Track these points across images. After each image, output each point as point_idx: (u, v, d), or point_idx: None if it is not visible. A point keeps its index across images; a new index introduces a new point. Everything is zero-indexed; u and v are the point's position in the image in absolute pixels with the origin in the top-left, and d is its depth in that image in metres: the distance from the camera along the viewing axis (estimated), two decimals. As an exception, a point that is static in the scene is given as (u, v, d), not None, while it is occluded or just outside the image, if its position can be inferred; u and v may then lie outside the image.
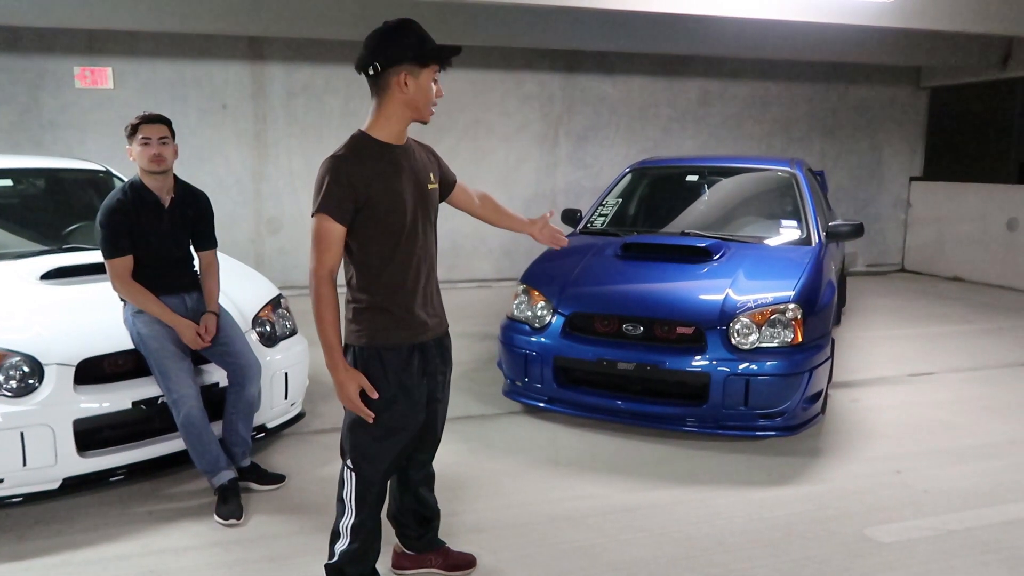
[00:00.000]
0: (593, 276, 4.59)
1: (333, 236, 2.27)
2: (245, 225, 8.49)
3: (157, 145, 3.33)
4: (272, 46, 8.24)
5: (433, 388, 2.54)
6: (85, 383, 3.24)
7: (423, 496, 2.76)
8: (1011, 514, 3.38)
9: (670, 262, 4.58)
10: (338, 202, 2.25)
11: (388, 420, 2.38)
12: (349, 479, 2.45)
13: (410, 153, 2.43)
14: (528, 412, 4.60)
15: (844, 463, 3.93)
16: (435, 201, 2.52)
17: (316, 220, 2.27)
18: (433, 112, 2.36)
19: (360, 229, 2.30)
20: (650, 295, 4.31)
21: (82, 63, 7.71)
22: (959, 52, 9.21)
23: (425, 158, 2.52)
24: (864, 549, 3.06)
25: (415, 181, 2.39)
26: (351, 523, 2.46)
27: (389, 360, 2.37)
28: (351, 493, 2.44)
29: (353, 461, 2.44)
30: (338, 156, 2.29)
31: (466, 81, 8.92)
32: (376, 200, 2.28)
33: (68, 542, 3.05)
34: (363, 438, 2.40)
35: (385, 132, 2.34)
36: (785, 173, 5.57)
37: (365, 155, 2.30)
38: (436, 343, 2.53)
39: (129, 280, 3.33)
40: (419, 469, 2.71)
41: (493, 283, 9.15)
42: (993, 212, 9.67)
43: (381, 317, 2.36)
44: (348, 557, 2.48)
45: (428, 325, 2.47)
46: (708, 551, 3.03)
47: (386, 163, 2.33)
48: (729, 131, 10.02)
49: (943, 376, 5.55)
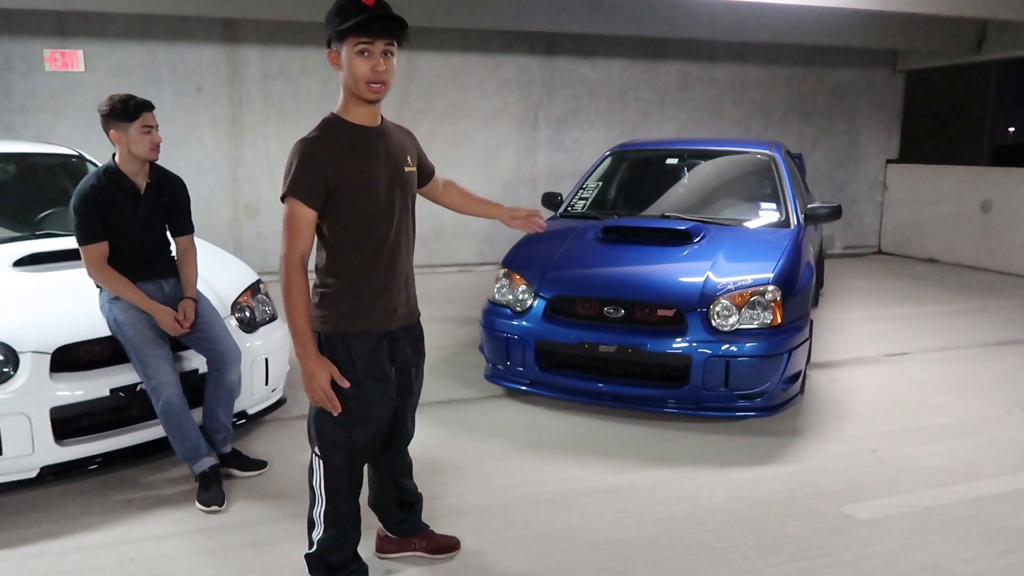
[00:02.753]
0: (574, 259, 4.59)
1: (304, 220, 2.21)
2: (222, 210, 8.40)
3: (155, 132, 3.27)
4: (247, 28, 8.12)
5: (404, 380, 2.48)
6: (61, 371, 3.19)
7: (403, 484, 2.75)
8: (984, 490, 3.45)
9: (650, 245, 4.59)
10: (308, 186, 2.19)
11: (355, 410, 2.33)
12: (318, 467, 2.41)
13: (386, 135, 2.36)
14: (510, 395, 4.61)
15: (822, 442, 3.98)
16: (412, 185, 2.46)
17: (287, 204, 2.22)
18: (377, 91, 2.21)
19: (331, 212, 2.25)
20: (631, 278, 4.33)
21: (52, 46, 7.55)
22: (934, 35, 9.28)
23: (404, 141, 2.46)
24: (842, 526, 3.11)
25: (390, 164, 2.33)
26: (323, 510, 2.43)
27: (356, 348, 2.31)
28: (320, 481, 2.41)
29: (321, 449, 2.39)
30: (308, 139, 2.23)
31: (444, 64, 8.86)
32: (347, 183, 2.23)
33: (47, 531, 3.02)
34: (330, 426, 2.35)
35: (352, 113, 2.28)
36: (764, 156, 5.60)
37: (336, 137, 2.25)
38: (407, 332, 2.47)
39: (104, 267, 3.28)
40: (394, 461, 2.69)
41: (475, 267, 9.14)
42: (967, 194, 9.80)
43: (349, 302, 2.30)
44: (326, 545, 2.46)
45: (398, 313, 2.41)
46: (689, 530, 3.07)
47: (358, 145, 2.27)
48: (708, 114, 10.05)
49: (919, 356, 5.64)
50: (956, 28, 9.30)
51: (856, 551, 2.92)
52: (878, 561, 2.85)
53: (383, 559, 2.82)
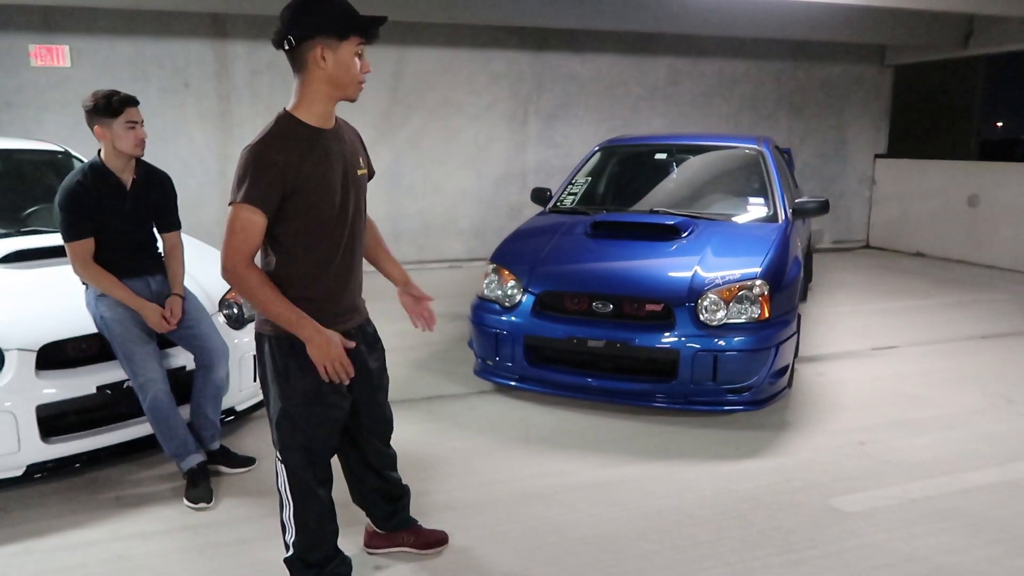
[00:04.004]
0: (563, 255, 4.60)
1: (255, 228, 2.12)
2: (211, 207, 8.34)
3: (140, 128, 3.25)
4: (235, 23, 8.07)
5: (366, 377, 2.46)
6: (48, 368, 3.17)
7: (387, 475, 2.75)
8: (969, 482, 3.48)
9: (639, 240, 4.60)
10: (264, 193, 2.10)
11: (309, 412, 2.32)
12: (280, 471, 2.40)
13: (340, 136, 2.31)
14: (499, 391, 4.61)
15: (810, 435, 4.00)
16: (364, 187, 2.43)
17: (235, 210, 2.11)
18: (361, 89, 2.22)
19: (285, 218, 2.17)
20: (619, 273, 4.34)
21: (37, 41, 7.49)
22: (922, 30, 9.32)
23: (355, 142, 2.42)
24: (829, 518, 3.13)
25: (345, 167, 2.29)
26: (291, 512, 2.42)
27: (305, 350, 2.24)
28: (285, 484, 2.40)
29: (281, 452, 2.38)
30: (263, 142, 2.14)
31: (434, 59, 8.83)
32: (304, 189, 2.16)
33: (33, 529, 3.00)
34: (287, 428, 2.33)
35: (310, 114, 2.20)
36: (752, 151, 5.61)
37: (292, 141, 2.16)
38: (359, 331, 2.45)
39: (90, 263, 3.26)
40: (378, 454, 2.68)
41: (464, 263, 9.13)
42: (955, 189, 9.85)
43: (299, 304, 2.21)
44: (302, 546, 2.45)
45: (349, 315, 2.40)
46: (677, 524, 3.08)
47: (315, 149, 2.19)
48: (698, 109, 10.06)
49: (906, 349, 5.67)
50: (943, 23, 9.34)
51: (842, 543, 2.94)
52: (864, 553, 2.87)
53: (371, 555, 2.83)
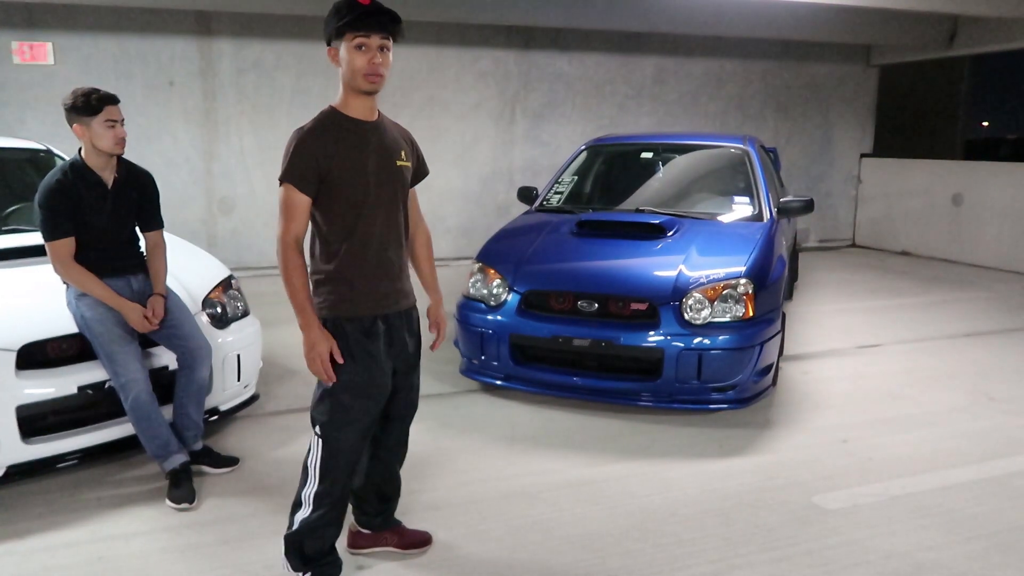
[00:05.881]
0: (548, 254, 4.60)
1: (298, 206, 2.32)
2: (196, 206, 8.31)
3: (120, 126, 3.23)
4: (220, 21, 8.03)
5: (403, 359, 2.56)
6: (28, 368, 3.15)
7: (393, 470, 2.78)
8: (949, 479, 3.50)
9: (624, 239, 4.61)
10: (302, 173, 2.30)
11: (354, 389, 2.41)
12: (316, 446, 2.47)
13: (380, 130, 2.45)
14: (485, 390, 4.61)
15: (793, 433, 4.03)
16: (404, 179, 2.52)
17: (282, 189, 2.33)
18: (374, 81, 2.31)
19: (324, 201, 2.35)
20: (604, 272, 4.34)
21: (20, 38, 7.43)
22: (906, 30, 9.38)
23: (399, 137, 2.55)
24: (811, 516, 3.15)
25: (382, 156, 2.42)
26: (313, 491, 2.47)
27: (351, 331, 2.40)
28: (316, 460, 2.46)
29: (321, 428, 2.46)
30: (303, 128, 2.34)
31: (421, 58, 8.82)
32: (338, 173, 2.33)
33: (13, 531, 2.98)
34: (331, 406, 2.42)
35: (350, 107, 2.39)
36: (738, 150, 5.63)
37: (330, 128, 2.35)
38: (401, 315, 2.54)
39: (71, 263, 3.23)
40: (395, 440, 2.73)
41: (451, 262, 9.12)
42: (939, 188, 9.93)
43: (342, 288, 2.39)
44: (308, 528, 2.48)
45: (390, 299, 2.49)
46: (661, 522, 3.09)
47: (351, 137, 2.36)
48: (685, 108, 10.09)
49: (890, 348, 5.71)
50: (927, 23, 9.41)
51: (824, 540, 2.96)
52: (845, 550, 2.89)
53: (355, 554, 2.82)
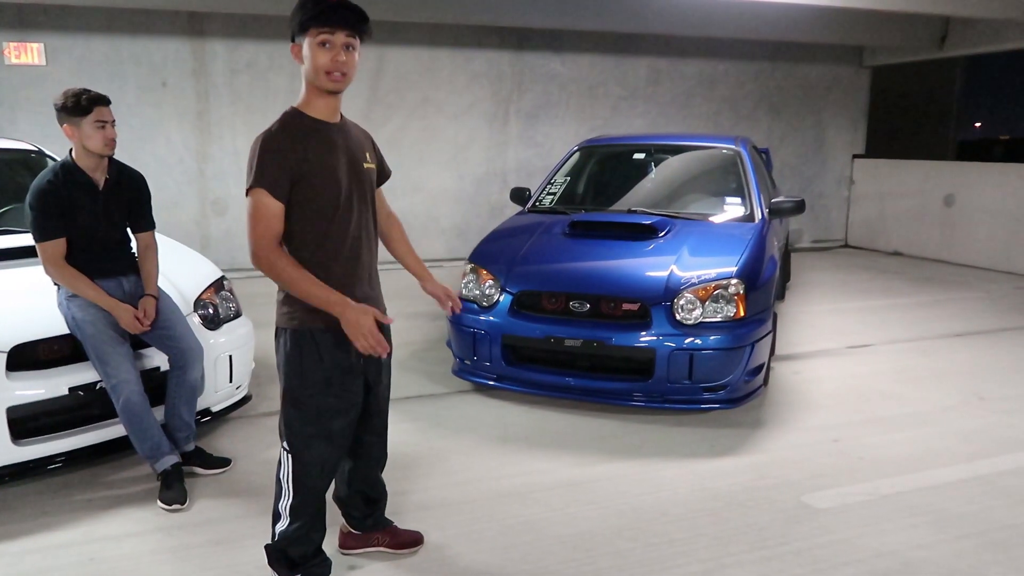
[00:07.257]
0: (540, 254, 4.61)
1: (271, 211, 2.21)
2: (189, 207, 8.30)
3: (111, 127, 3.23)
4: (213, 21, 8.02)
5: (375, 370, 2.51)
6: (19, 369, 3.14)
7: (374, 477, 2.75)
8: (939, 478, 3.52)
9: (616, 240, 4.62)
10: (273, 178, 2.20)
11: (323, 403, 2.35)
12: (286, 461, 2.42)
13: (345, 131, 2.39)
14: (478, 391, 4.62)
15: (784, 433, 4.04)
16: (371, 180, 2.47)
17: (252, 197, 2.21)
18: (337, 80, 2.22)
19: (294, 206, 2.25)
20: (596, 272, 4.35)
21: (11, 39, 7.41)
22: (898, 31, 9.43)
23: (362, 138, 2.49)
24: (801, 515, 3.16)
25: (349, 158, 2.35)
26: (289, 503, 2.43)
27: (323, 341, 2.31)
28: (288, 475, 2.41)
29: (289, 443, 2.40)
30: (269, 131, 2.24)
31: (415, 59, 8.82)
32: (309, 176, 2.24)
33: (4, 532, 2.97)
34: (298, 420, 2.37)
35: (312, 107, 2.30)
36: (730, 151, 5.65)
37: (296, 131, 2.25)
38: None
39: (62, 264, 3.23)
40: (370, 450, 2.68)
41: (445, 263, 9.12)
42: (931, 189, 9.98)
43: None
44: (289, 538, 2.46)
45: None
46: (652, 521, 3.10)
47: (318, 139, 2.28)
48: (678, 109, 10.11)
49: (881, 347, 5.74)
50: (919, 24, 9.45)
51: (814, 539, 2.97)
52: (835, 549, 2.90)
53: (346, 555, 2.82)
